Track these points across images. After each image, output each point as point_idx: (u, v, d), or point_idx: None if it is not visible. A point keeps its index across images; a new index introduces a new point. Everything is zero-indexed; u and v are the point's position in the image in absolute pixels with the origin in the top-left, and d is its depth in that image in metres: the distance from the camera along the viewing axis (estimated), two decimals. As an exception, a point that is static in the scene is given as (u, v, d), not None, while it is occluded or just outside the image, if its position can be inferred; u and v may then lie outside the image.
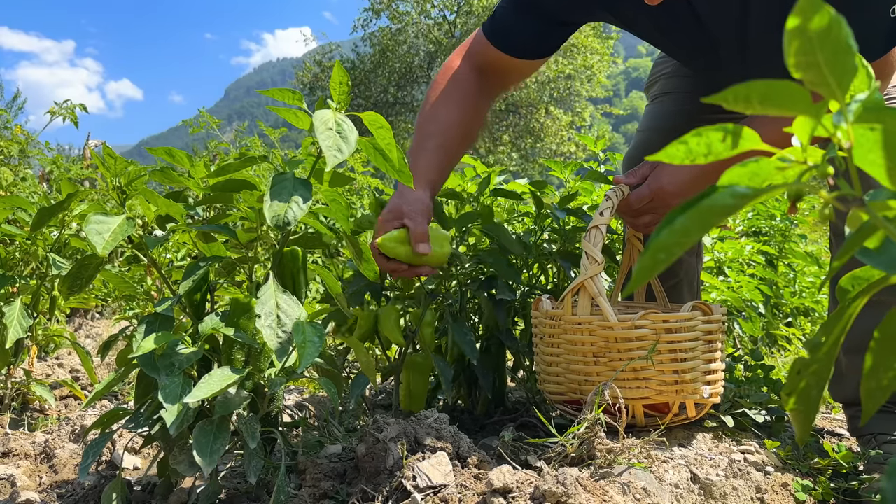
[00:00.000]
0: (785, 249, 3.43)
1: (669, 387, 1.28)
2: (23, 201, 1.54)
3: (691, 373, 1.29)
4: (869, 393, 0.45)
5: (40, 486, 1.28)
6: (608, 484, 1.02)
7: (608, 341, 1.28)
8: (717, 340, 1.34)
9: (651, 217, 1.41)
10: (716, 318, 1.33)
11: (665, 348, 1.27)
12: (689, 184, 1.34)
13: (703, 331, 1.30)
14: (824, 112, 0.40)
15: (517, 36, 1.48)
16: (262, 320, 0.96)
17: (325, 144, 0.95)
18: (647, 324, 1.27)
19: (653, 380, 1.28)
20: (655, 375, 1.28)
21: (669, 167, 1.36)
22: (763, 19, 1.30)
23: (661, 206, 1.38)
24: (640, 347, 1.27)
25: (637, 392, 1.29)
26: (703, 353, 1.30)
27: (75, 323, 3.37)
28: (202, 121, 4.40)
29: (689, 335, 1.29)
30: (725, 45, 1.39)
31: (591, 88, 21.82)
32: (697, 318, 1.30)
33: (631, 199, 1.38)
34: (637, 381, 1.29)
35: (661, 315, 1.28)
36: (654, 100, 1.89)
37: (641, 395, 1.29)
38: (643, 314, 1.29)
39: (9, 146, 2.80)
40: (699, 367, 1.29)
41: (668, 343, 1.27)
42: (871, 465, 1.31)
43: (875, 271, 0.50)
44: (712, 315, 1.32)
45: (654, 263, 0.39)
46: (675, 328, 1.28)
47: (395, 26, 21.88)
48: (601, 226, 1.31)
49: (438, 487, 0.99)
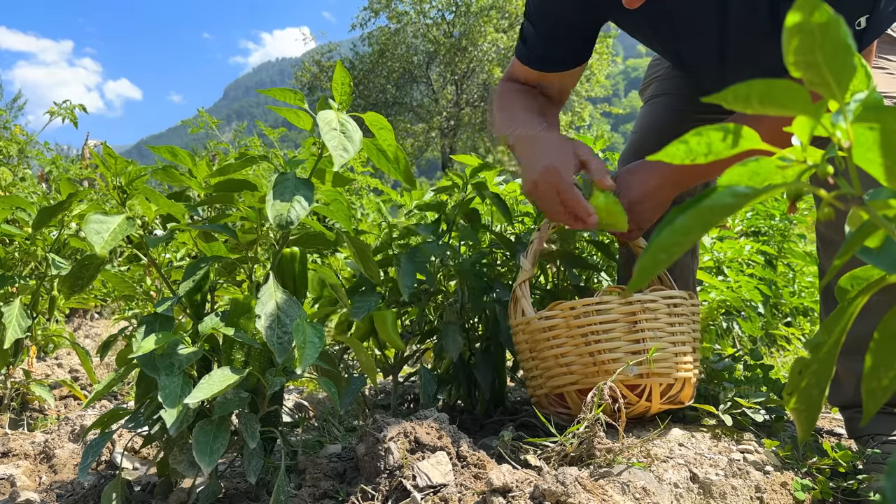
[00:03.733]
0: (784, 249, 3.43)
1: (590, 369, 1.30)
2: (22, 201, 1.54)
3: (611, 353, 1.29)
4: (870, 393, 0.45)
5: (40, 486, 1.28)
6: (608, 483, 1.02)
7: (534, 335, 1.37)
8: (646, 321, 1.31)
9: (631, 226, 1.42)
10: (636, 299, 1.31)
11: (576, 334, 1.31)
12: (652, 191, 1.38)
13: (621, 312, 1.30)
14: (823, 111, 0.40)
15: (550, 57, 1.55)
16: (262, 321, 0.96)
17: (331, 144, 0.96)
18: (556, 314, 1.33)
19: (574, 364, 1.32)
20: (576, 360, 1.32)
21: (637, 178, 1.40)
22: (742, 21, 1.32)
23: (635, 216, 1.40)
24: (554, 336, 1.33)
25: (566, 379, 1.33)
26: (624, 334, 1.30)
27: (74, 323, 3.37)
28: (201, 121, 4.40)
29: (600, 318, 1.30)
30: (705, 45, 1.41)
31: (589, 88, 21.83)
32: (613, 301, 1.31)
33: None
34: (561, 368, 1.34)
35: (568, 303, 1.32)
36: (648, 101, 1.89)
37: (570, 382, 1.33)
38: (550, 305, 1.35)
39: (8, 146, 2.80)
40: (621, 348, 1.29)
41: (579, 328, 1.31)
42: (870, 464, 1.31)
43: (875, 271, 0.50)
44: (631, 297, 1.32)
45: (655, 263, 0.39)
46: (583, 313, 1.31)
47: (393, 26, 21.90)
48: (536, 238, 1.43)
49: (438, 487, 0.99)
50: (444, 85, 22.46)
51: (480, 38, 20.81)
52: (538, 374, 1.39)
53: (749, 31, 1.33)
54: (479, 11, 20.83)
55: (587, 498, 0.94)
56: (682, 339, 1.35)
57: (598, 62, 21.19)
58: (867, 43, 1.23)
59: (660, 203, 1.40)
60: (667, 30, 1.45)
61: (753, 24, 1.31)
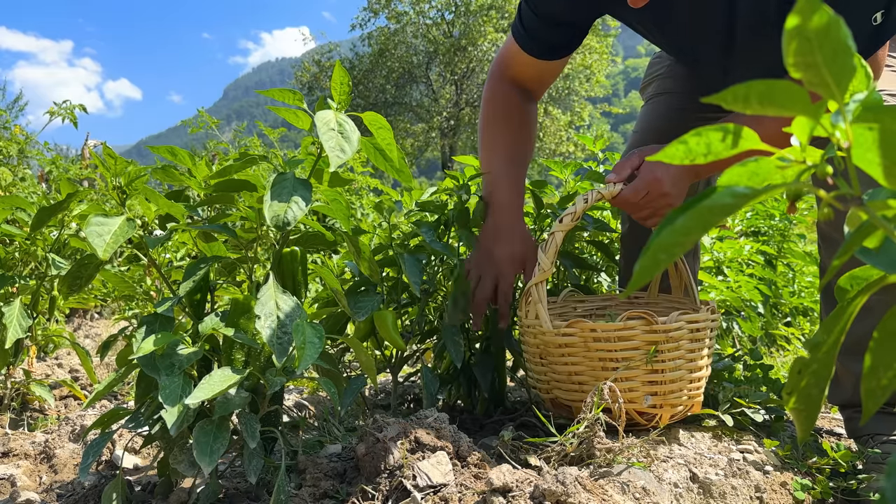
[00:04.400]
0: (784, 249, 3.43)
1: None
2: (22, 201, 1.54)
3: (628, 382, 1.26)
4: (869, 392, 0.46)
5: (40, 486, 1.28)
6: (607, 483, 1.02)
7: (547, 345, 1.33)
8: (668, 350, 1.27)
9: (649, 210, 1.40)
10: (661, 328, 1.26)
11: (594, 356, 1.27)
12: (680, 173, 1.35)
13: (644, 341, 1.26)
14: (823, 112, 0.40)
15: (546, 43, 1.58)
16: (262, 321, 0.96)
17: (328, 145, 0.95)
18: (575, 332, 1.28)
19: (587, 384, 1.28)
20: (590, 381, 1.28)
21: (658, 167, 1.35)
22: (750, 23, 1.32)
23: (658, 197, 1.36)
24: (570, 353, 1.30)
25: (577, 395, 1.31)
26: (643, 363, 1.26)
27: (74, 323, 3.37)
28: (201, 121, 4.40)
29: (621, 345, 1.26)
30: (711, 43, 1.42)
31: (589, 88, 21.83)
32: (637, 327, 1.25)
33: (626, 194, 1.35)
34: (573, 384, 1.32)
35: (589, 324, 1.28)
36: (649, 100, 1.89)
37: (580, 399, 1.28)
38: (570, 322, 1.30)
39: (8, 146, 2.80)
40: (639, 377, 1.26)
41: (597, 351, 1.27)
42: (870, 464, 1.31)
43: (874, 271, 0.50)
44: (655, 325, 1.26)
45: (655, 263, 0.39)
46: (604, 337, 1.27)
47: (393, 26, 21.89)
48: (557, 233, 1.32)
49: (438, 487, 0.99)
50: (444, 85, 22.45)
51: (480, 38, 20.80)
52: (546, 380, 1.37)
53: (756, 32, 1.33)
54: (479, 11, 20.82)
55: (587, 497, 0.94)
56: (699, 365, 1.31)
57: (598, 62, 21.19)
58: (885, 39, 1.22)
59: (685, 187, 1.39)
60: (672, 29, 1.45)
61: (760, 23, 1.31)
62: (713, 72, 1.53)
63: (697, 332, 1.30)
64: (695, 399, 1.34)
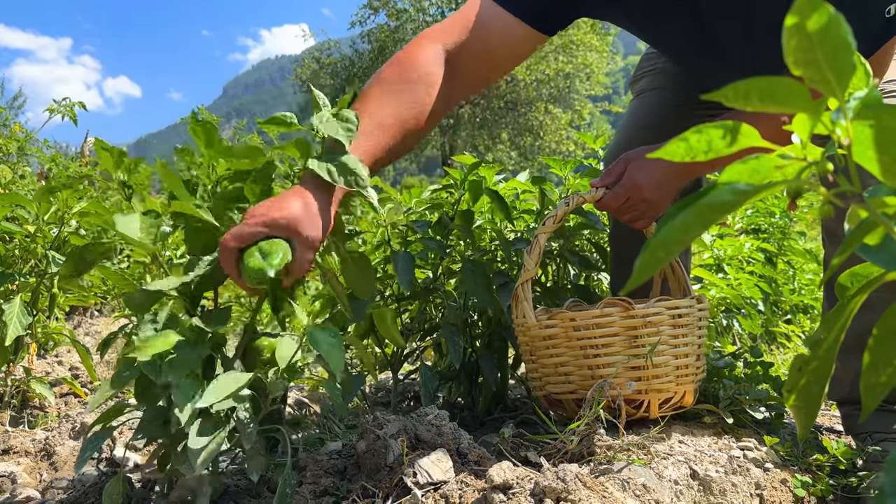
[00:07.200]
0: (784, 247, 3.43)
1: (588, 381, 1.29)
2: (22, 199, 1.55)
3: (610, 368, 1.28)
4: (868, 389, 0.46)
5: (40, 483, 1.29)
6: (608, 480, 1.02)
7: (533, 340, 1.36)
8: (647, 335, 1.28)
9: (632, 214, 1.40)
10: (639, 313, 1.27)
11: (576, 346, 1.30)
12: (662, 178, 1.34)
13: (623, 326, 1.28)
14: (823, 109, 0.40)
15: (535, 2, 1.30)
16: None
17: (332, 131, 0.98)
18: (556, 323, 1.31)
19: (573, 374, 1.31)
20: (574, 371, 1.31)
21: (644, 164, 1.36)
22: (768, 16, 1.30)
23: (640, 203, 1.37)
24: (553, 345, 1.33)
25: (565, 387, 1.33)
26: (624, 348, 1.28)
27: (74, 320, 3.37)
28: (201, 118, 4.40)
29: (600, 331, 1.28)
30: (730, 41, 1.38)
31: (589, 86, 21.80)
32: (615, 314, 1.28)
33: (608, 199, 1.37)
34: (559, 376, 1.34)
35: (569, 314, 1.30)
36: (639, 95, 1.86)
37: (568, 391, 1.32)
38: (551, 314, 1.33)
39: (7, 144, 2.79)
40: (620, 362, 1.28)
41: (578, 340, 1.30)
42: (870, 461, 1.31)
43: (874, 268, 0.50)
44: (633, 310, 1.28)
45: (654, 261, 0.39)
46: (584, 325, 1.29)
47: (393, 23, 21.85)
48: (541, 235, 1.36)
49: (439, 484, 0.99)
50: (444, 83, 22.38)
51: (480, 36, 20.74)
52: (538, 376, 1.39)
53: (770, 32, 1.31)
54: (479, 9, 20.79)
55: (587, 495, 0.94)
56: (685, 352, 1.32)
57: (598, 60, 21.15)
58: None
59: (670, 191, 1.37)
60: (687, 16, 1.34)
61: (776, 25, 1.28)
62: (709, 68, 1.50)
63: (679, 319, 1.32)
64: (685, 387, 1.33)
